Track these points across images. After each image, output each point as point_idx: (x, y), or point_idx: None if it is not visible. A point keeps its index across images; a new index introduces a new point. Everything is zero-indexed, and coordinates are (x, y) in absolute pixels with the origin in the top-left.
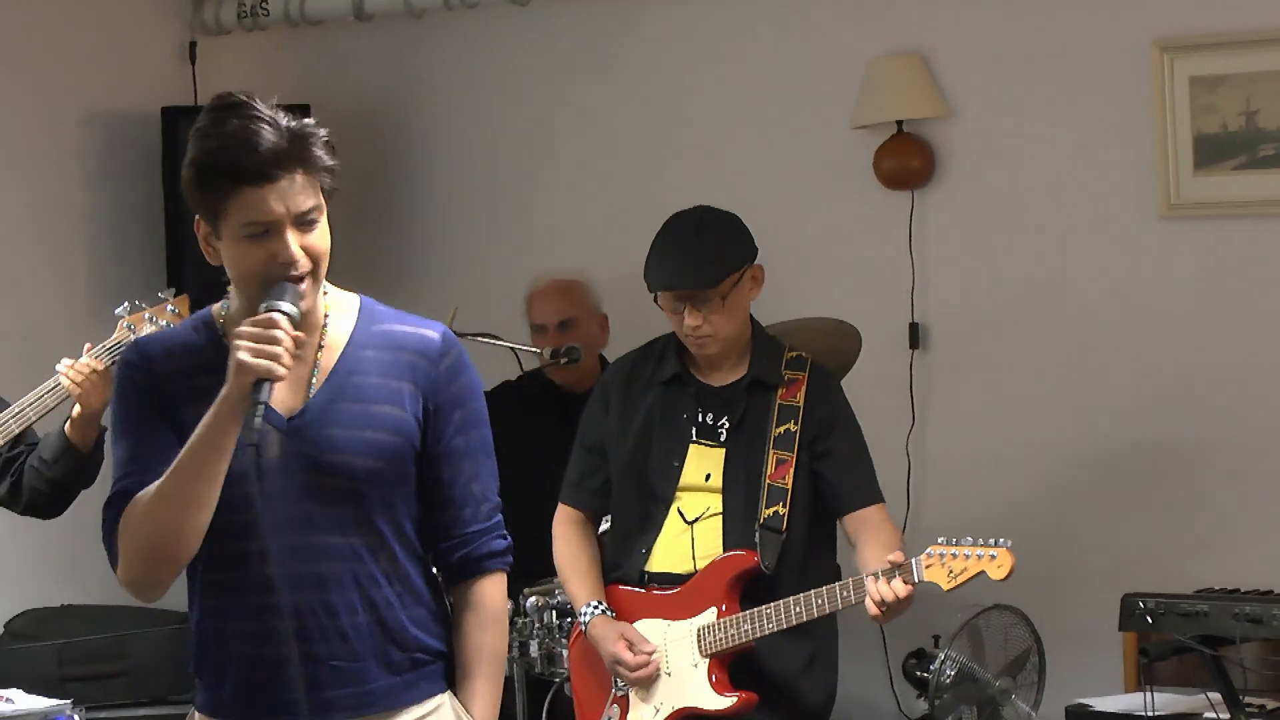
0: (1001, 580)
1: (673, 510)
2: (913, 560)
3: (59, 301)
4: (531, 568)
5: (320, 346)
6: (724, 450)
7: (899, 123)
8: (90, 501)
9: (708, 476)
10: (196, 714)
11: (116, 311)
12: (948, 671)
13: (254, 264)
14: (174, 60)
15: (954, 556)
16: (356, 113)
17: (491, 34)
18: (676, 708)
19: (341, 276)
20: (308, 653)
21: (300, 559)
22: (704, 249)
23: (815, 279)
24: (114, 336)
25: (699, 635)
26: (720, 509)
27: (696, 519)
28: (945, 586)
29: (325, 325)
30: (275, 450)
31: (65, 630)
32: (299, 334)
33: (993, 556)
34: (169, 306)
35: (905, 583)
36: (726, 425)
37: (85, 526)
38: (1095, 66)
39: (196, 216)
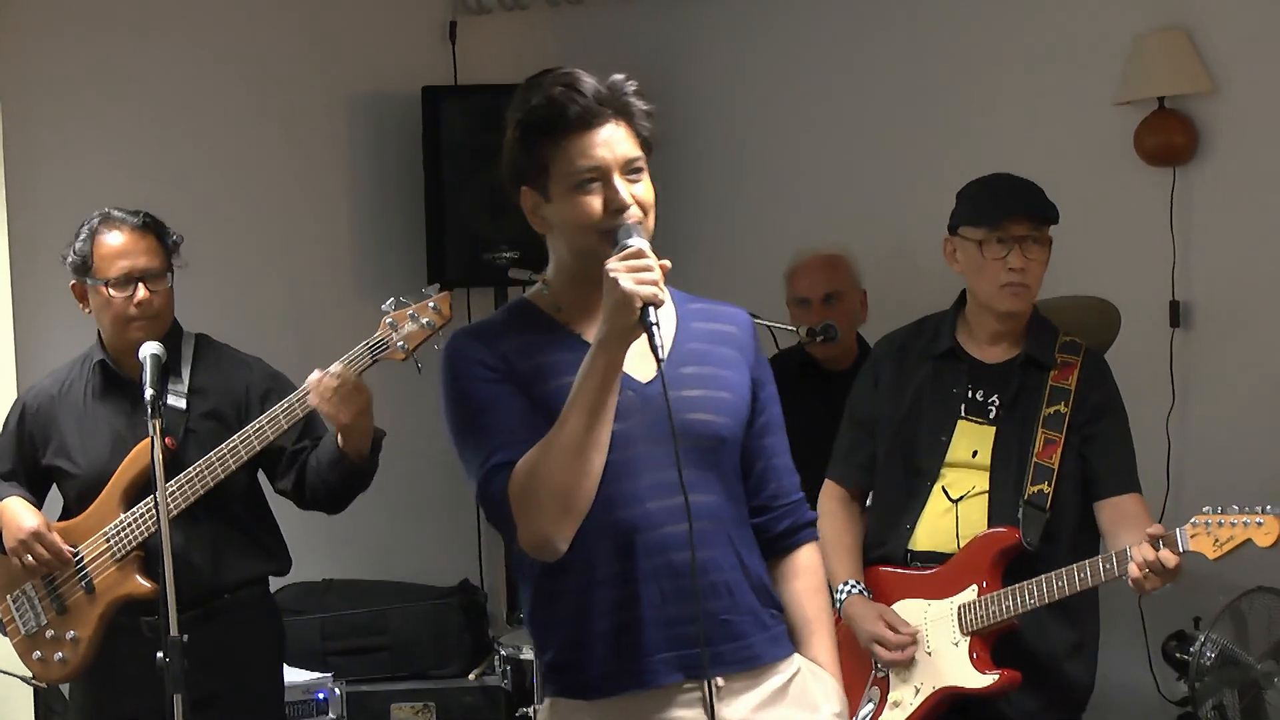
0: (1269, 548)
1: (937, 488)
2: (1178, 529)
3: (326, 280)
4: None
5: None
6: (994, 428)
7: (1160, 99)
8: None
9: (974, 454)
10: (558, 701)
11: (382, 307)
12: (1208, 654)
13: (588, 213)
14: (435, 40)
15: (1220, 525)
16: None
17: (753, 12)
18: (938, 687)
19: None
20: (703, 609)
21: (677, 519)
22: (1038, 188)
23: (1075, 256)
24: (377, 334)
25: (959, 614)
26: (985, 488)
27: (961, 498)
28: (1211, 555)
29: None
30: (637, 417)
31: (327, 605)
32: (665, 262)
33: (1260, 524)
34: (431, 303)
35: (1171, 552)
36: (997, 403)
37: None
38: None
39: (523, 189)
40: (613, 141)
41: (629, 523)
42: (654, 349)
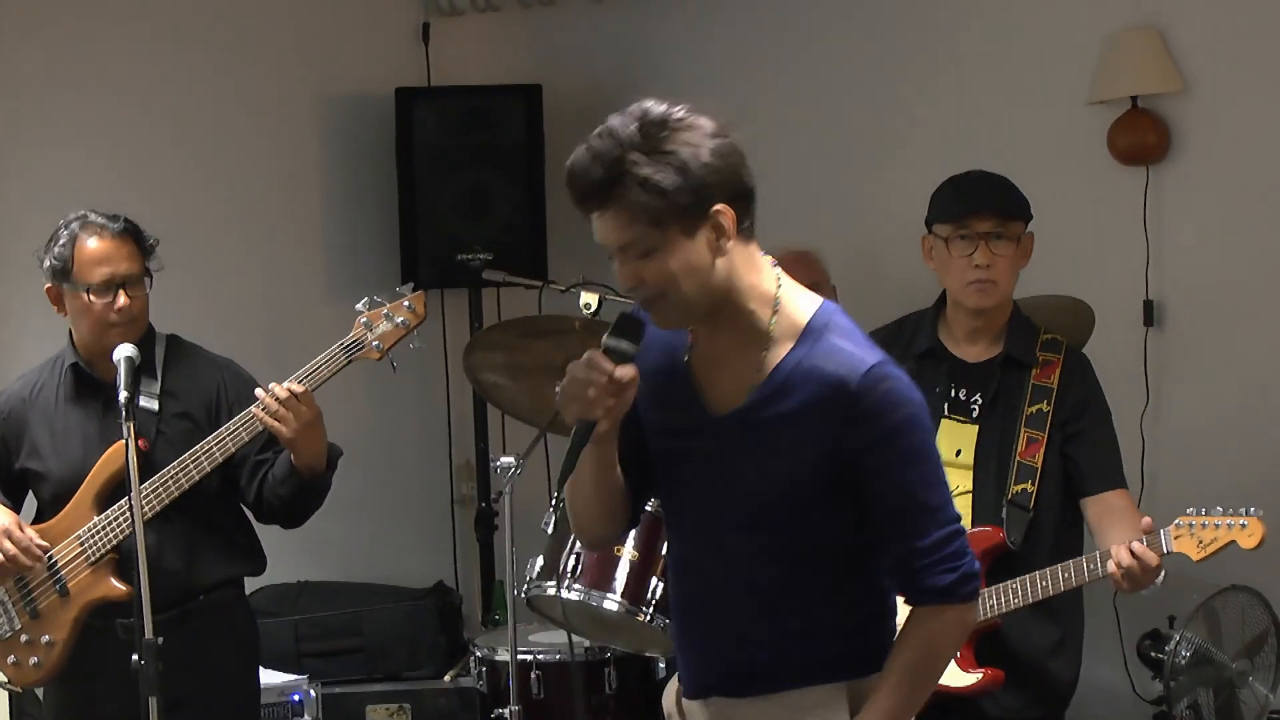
0: (1252, 549)
1: None
2: (1161, 531)
3: (299, 281)
4: None
5: (762, 356)
6: (976, 427)
7: (1134, 98)
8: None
9: (958, 452)
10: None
11: (357, 307)
12: (1183, 653)
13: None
14: (408, 41)
15: (1204, 526)
16: (589, 94)
17: (725, 12)
18: None
19: (570, 257)
20: (707, 635)
21: (706, 550)
22: (1008, 185)
23: (1048, 256)
24: (352, 334)
25: None
26: (969, 487)
27: None
28: (1195, 557)
29: (771, 337)
30: (700, 446)
31: (302, 607)
32: (626, 371)
33: (1243, 526)
34: (405, 302)
35: (1154, 552)
36: (979, 401)
37: (324, 504)
38: None
39: None
40: (602, 230)
41: (676, 548)
42: (563, 471)
